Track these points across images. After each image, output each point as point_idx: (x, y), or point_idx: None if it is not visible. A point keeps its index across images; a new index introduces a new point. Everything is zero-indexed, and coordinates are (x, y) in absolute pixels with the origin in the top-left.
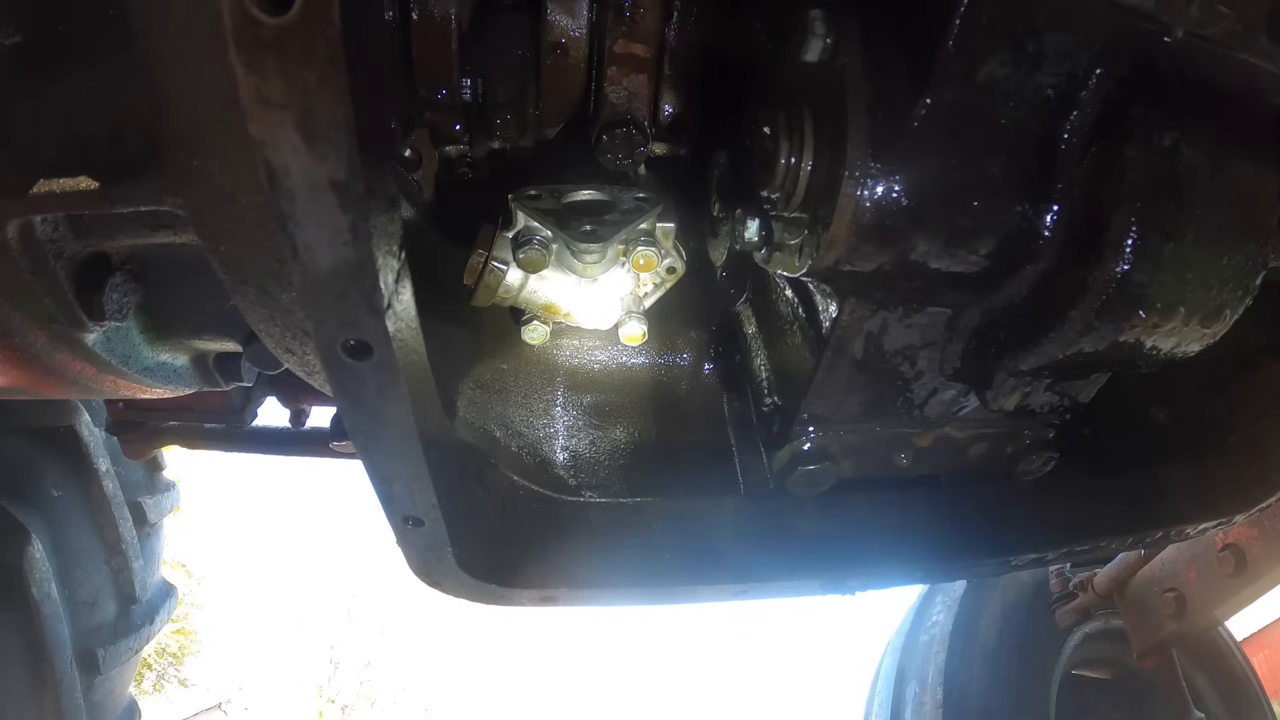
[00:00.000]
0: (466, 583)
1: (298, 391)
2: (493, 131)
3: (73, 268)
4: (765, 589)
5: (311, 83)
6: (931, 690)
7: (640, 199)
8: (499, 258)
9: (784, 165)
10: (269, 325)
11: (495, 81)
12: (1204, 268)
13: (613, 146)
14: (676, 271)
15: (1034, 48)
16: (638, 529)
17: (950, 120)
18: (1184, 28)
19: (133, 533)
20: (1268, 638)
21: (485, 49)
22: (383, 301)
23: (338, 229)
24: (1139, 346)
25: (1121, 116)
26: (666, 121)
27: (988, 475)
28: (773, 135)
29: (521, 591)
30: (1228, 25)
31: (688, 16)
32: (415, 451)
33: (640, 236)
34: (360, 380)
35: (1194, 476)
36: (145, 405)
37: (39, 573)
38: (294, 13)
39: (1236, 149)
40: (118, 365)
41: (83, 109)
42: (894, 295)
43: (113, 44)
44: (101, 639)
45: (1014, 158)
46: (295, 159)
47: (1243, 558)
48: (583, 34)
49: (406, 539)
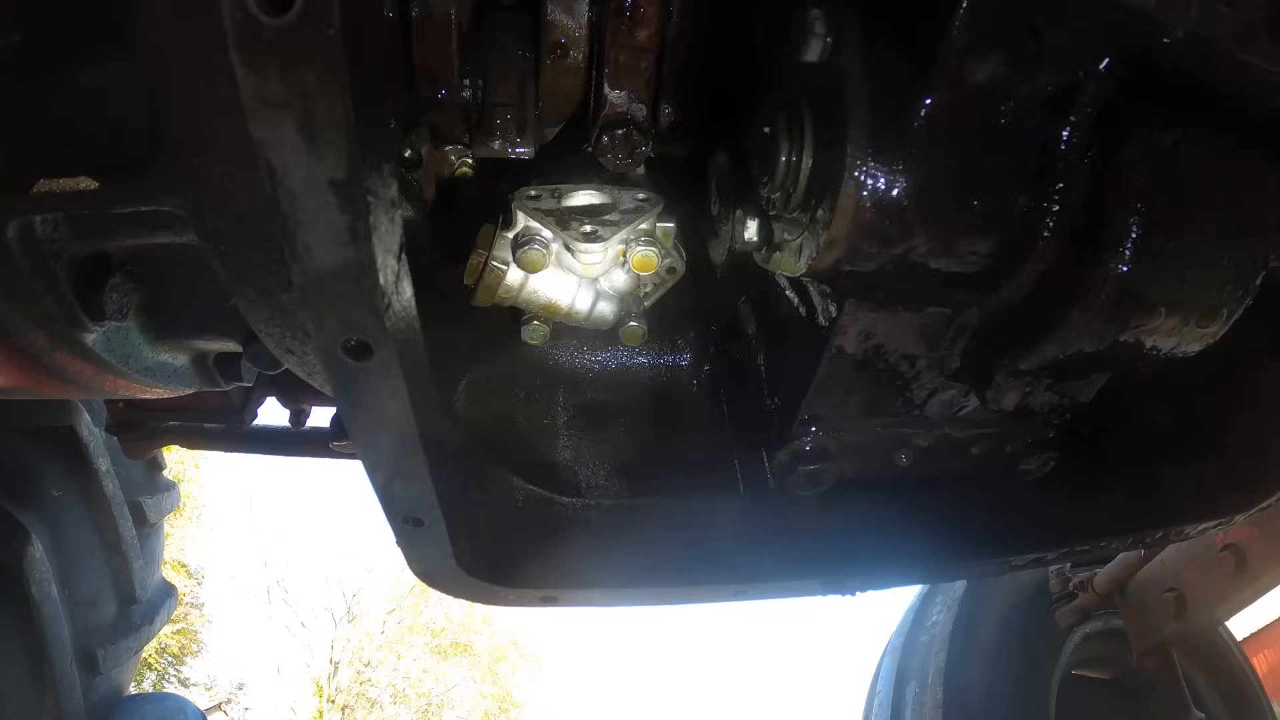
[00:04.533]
0: (466, 583)
1: (298, 391)
2: (493, 131)
3: (73, 268)
4: (765, 589)
5: (311, 83)
6: (931, 690)
7: (640, 199)
8: (499, 258)
9: (784, 165)
10: (269, 325)
11: (495, 81)
12: (1204, 268)
13: (613, 146)
14: (676, 271)
15: (1034, 48)
16: (638, 529)
17: (950, 120)
18: (1184, 28)
19: (133, 533)
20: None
21: (485, 49)
22: (383, 301)
23: (338, 229)
24: (1139, 346)
25: (1121, 116)
26: (666, 122)
27: (988, 475)
28: (773, 135)
29: (521, 591)
30: (1228, 25)
31: (687, 17)
32: (415, 451)
33: (640, 236)
34: (360, 380)
35: (1194, 476)
36: (145, 405)
37: (39, 573)
38: (294, 13)
39: (1236, 149)
40: (118, 365)
41: (83, 109)
42: (894, 295)
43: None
44: (101, 639)
45: (1014, 158)
46: (295, 159)
47: (1243, 558)
48: (583, 34)
49: (406, 539)
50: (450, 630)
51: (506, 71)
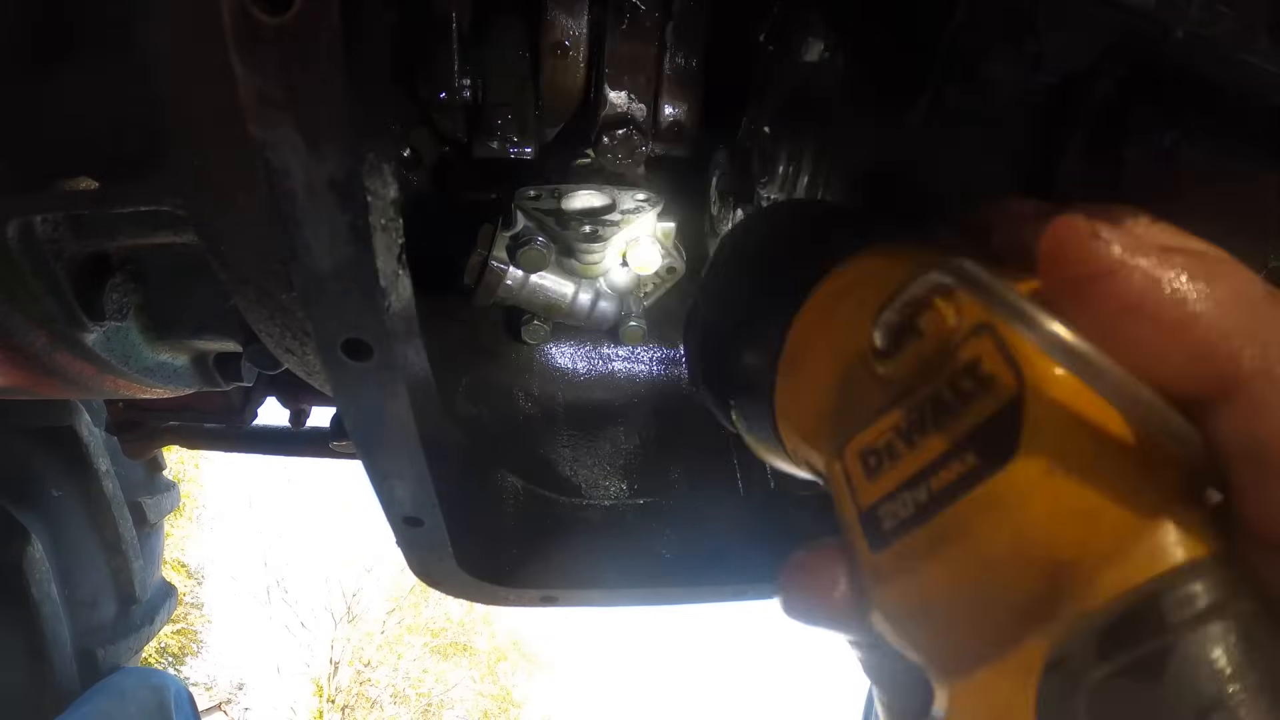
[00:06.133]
0: (466, 582)
1: (298, 391)
2: (493, 131)
3: (73, 268)
4: (765, 589)
5: (311, 83)
6: None
7: (640, 199)
8: (499, 258)
9: (784, 165)
10: (269, 325)
11: (495, 81)
12: None
13: (613, 146)
14: (676, 271)
15: (1033, 48)
16: (638, 529)
17: (950, 120)
18: (1184, 28)
19: (133, 533)
20: None
21: (485, 49)
22: (383, 301)
23: (338, 229)
24: None
25: (1121, 116)
26: (666, 121)
27: None
28: (773, 135)
29: (521, 591)
30: (1228, 25)
31: (688, 16)
32: (415, 451)
33: (640, 236)
34: (360, 380)
35: None
36: (145, 405)
37: (39, 573)
38: (294, 12)
39: (1236, 149)
40: (118, 365)
41: (83, 109)
42: None
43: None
44: (101, 639)
45: (1013, 158)
46: (295, 159)
47: None
48: (583, 34)
49: (406, 539)
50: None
51: (506, 71)
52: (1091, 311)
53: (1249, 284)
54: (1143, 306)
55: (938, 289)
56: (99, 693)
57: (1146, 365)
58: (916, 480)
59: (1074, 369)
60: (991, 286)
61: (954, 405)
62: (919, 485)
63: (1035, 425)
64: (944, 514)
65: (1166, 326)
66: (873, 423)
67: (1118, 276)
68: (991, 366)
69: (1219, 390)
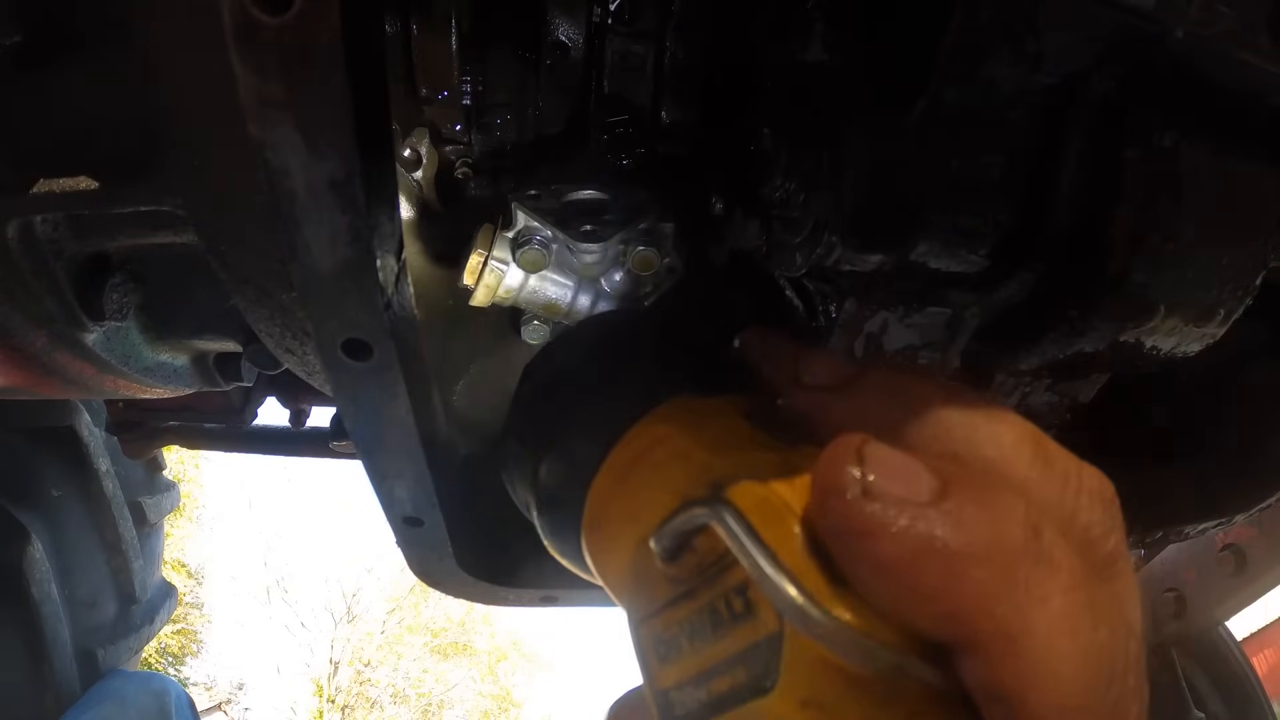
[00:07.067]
0: (466, 583)
1: (298, 391)
2: (493, 131)
3: (73, 268)
4: None
5: (311, 83)
6: None
7: (640, 199)
8: (499, 258)
9: (784, 165)
10: (269, 325)
11: (495, 81)
12: (1204, 267)
13: (613, 146)
14: (676, 271)
15: (1033, 48)
16: None
17: (949, 120)
18: (1184, 28)
19: (133, 533)
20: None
21: (485, 49)
22: (383, 301)
23: (338, 229)
24: (1139, 346)
25: (1121, 116)
26: (666, 121)
27: None
28: (773, 135)
29: (521, 591)
30: (1228, 25)
31: (688, 16)
32: (415, 451)
33: (640, 236)
34: (360, 380)
35: (1194, 476)
36: (145, 405)
37: (39, 573)
38: (294, 13)
39: (1236, 149)
40: (118, 365)
41: (83, 109)
42: (894, 295)
43: (113, 44)
44: (101, 639)
45: (1013, 157)
46: (295, 159)
47: (1243, 558)
48: (582, 34)
49: (406, 539)
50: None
51: (506, 71)
52: (851, 563)
53: (1009, 523)
54: (896, 572)
55: (704, 523)
56: (98, 697)
57: (899, 613)
58: (699, 680)
59: (810, 635)
60: (743, 544)
61: (727, 621)
62: (701, 685)
63: (792, 664)
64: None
65: (916, 593)
66: (660, 614)
67: (875, 538)
68: (757, 594)
69: (964, 644)
